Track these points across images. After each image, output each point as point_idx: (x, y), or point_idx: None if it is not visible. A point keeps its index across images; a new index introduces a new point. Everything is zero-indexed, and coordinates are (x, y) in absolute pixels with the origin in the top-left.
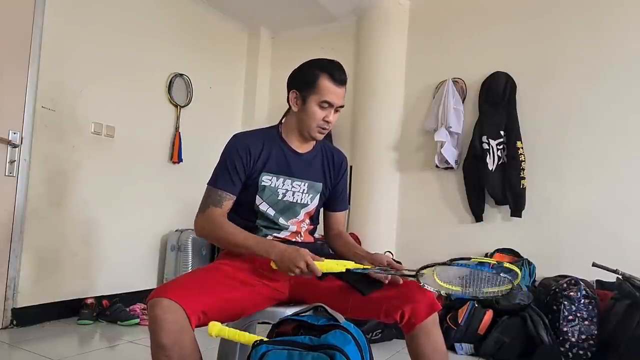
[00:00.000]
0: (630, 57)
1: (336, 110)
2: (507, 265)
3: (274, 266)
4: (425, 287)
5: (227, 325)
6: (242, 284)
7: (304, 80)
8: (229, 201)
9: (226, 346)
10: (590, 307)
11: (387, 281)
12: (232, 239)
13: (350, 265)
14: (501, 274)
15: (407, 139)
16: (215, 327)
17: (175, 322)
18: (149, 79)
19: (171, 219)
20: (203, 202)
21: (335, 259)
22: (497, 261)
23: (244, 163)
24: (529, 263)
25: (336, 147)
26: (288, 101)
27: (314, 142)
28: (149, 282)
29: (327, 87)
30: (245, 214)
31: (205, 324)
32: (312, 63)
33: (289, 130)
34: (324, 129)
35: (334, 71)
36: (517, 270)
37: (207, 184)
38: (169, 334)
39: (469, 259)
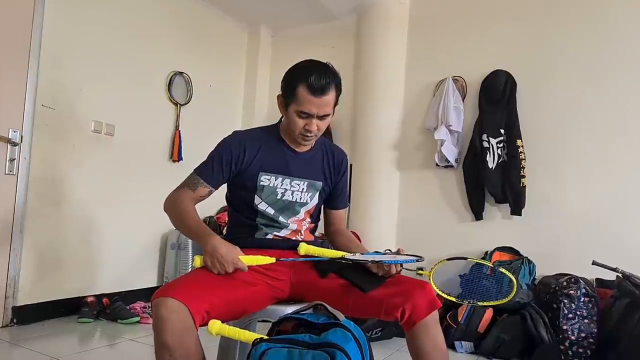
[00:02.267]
0: (631, 56)
1: (322, 118)
2: (503, 270)
3: (197, 264)
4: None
5: (227, 324)
6: (244, 283)
7: (286, 86)
8: (203, 189)
9: (226, 344)
10: (590, 305)
11: (381, 272)
12: (183, 219)
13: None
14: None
15: (407, 138)
16: (215, 326)
17: (180, 322)
18: (149, 77)
19: None
20: (181, 182)
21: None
22: (493, 264)
23: (233, 160)
24: (529, 261)
25: (337, 145)
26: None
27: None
28: (149, 280)
29: (304, 97)
30: (246, 212)
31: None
32: (295, 69)
33: (287, 130)
34: (306, 136)
35: (313, 80)
36: (513, 279)
37: (194, 169)
38: (173, 333)
39: (466, 258)
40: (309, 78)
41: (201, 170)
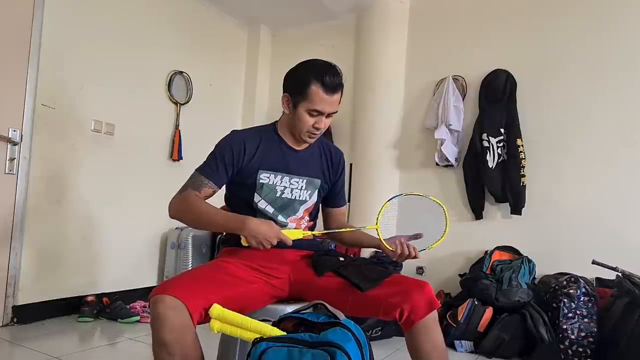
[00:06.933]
0: (631, 54)
1: (328, 116)
2: (432, 198)
3: (244, 242)
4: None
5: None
6: (243, 281)
7: (296, 85)
8: (208, 189)
9: (227, 343)
10: (590, 304)
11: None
12: (204, 217)
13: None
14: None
15: (407, 137)
16: (217, 324)
17: (178, 319)
18: (149, 76)
19: None
20: (184, 185)
21: (334, 254)
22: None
23: (235, 158)
24: (529, 260)
25: (333, 144)
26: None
27: None
28: (149, 279)
29: (317, 95)
30: (245, 213)
31: (207, 322)
32: (305, 67)
33: (286, 128)
34: (314, 134)
35: (326, 78)
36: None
37: (195, 169)
38: (171, 331)
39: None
40: (323, 77)
41: (204, 169)
